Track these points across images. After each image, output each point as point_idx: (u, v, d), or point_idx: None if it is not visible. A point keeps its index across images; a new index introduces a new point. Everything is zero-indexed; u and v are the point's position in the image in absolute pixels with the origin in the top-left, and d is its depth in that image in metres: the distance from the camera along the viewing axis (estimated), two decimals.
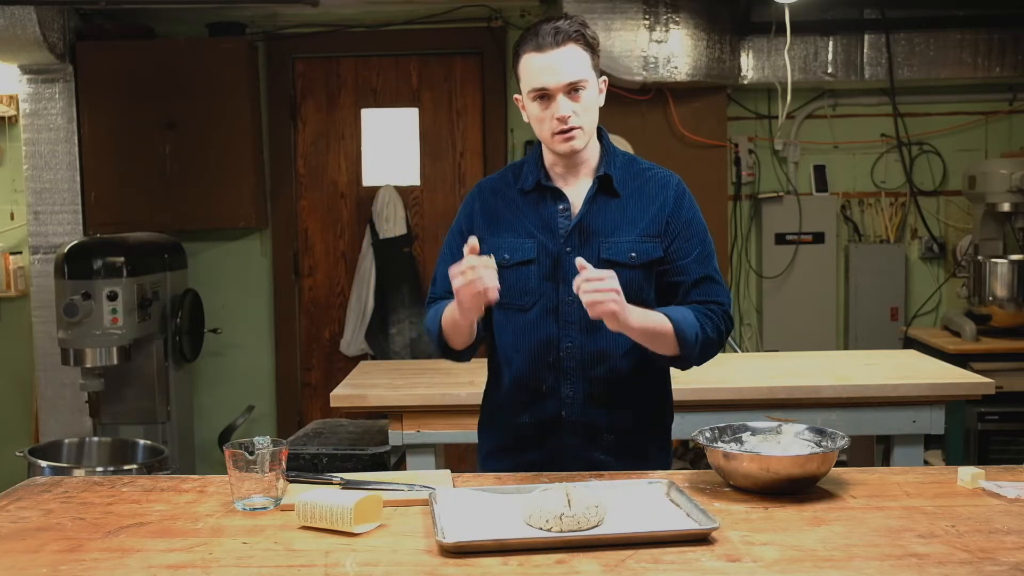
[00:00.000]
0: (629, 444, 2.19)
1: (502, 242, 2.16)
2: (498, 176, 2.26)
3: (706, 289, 2.16)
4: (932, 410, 3.24)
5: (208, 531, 1.75)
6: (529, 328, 2.12)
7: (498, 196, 2.21)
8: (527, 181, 2.18)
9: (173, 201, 4.71)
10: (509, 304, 2.16)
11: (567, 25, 2.06)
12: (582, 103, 2.07)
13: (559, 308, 2.13)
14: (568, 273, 2.10)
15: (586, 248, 2.11)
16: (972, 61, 4.70)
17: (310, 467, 3.55)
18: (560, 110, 2.06)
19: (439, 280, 2.26)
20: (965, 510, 1.80)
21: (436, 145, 5.04)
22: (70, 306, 3.93)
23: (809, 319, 4.99)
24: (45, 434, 4.59)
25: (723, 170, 4.88)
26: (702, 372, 3.40)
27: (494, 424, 2.28)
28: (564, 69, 2.04)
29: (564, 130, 2.07)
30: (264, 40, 4.95)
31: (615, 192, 2.15)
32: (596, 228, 2.13)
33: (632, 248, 2.12)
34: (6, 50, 4.35)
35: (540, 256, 2.14)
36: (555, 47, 2.04)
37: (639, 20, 4.49)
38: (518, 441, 2.20)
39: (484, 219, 2.20)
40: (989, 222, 4.64)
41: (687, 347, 2.06)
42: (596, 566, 1.55)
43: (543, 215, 2.16)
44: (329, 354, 5.08)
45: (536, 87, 2.07)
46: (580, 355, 2.08)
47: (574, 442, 2.16)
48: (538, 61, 2.05)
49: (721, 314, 2.15)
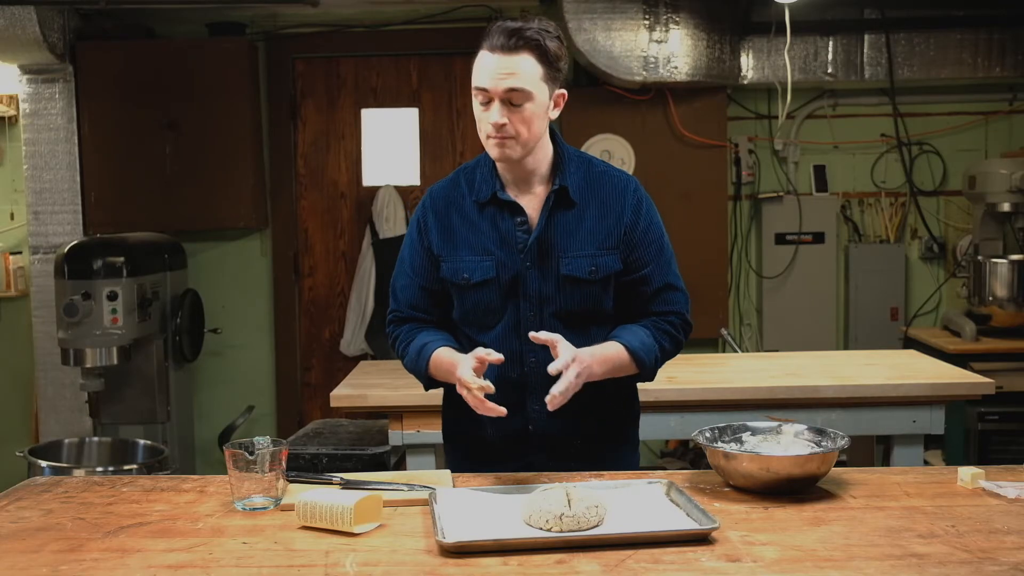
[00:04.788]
0: (597, 449, 2.18)
1: (460, 262, 2.12)
2: (449, 184, 2.19)
3: (666, 298, 2.15)
4: (932, 410, 3.24)
5: (208, 531, 1.75)
6: (492, 346, 2.05)
7: (452, 208, 2.15)
8: (482, 192, 2.12)
9: (173, 201, 4.71)
10: (472, 322, 2.15)
11: (528, 30, 1.97)
12: (521, 114, 1.99)
13: (520, 324, 2.11)
14: (528, 288, 2.09)
15: (545, 263, 2.09)
16: (972, 61, 4.70)
17: (310, 467, 3.55)
18: (493, 116, 1.99)
19: (400, 294, 2.21)
20: (965, 510, 1.80)
21: (436, 145, 5.04)
22: (70, 306, 3.93)
23: (809, 319, 4.99)
24: (45, 434, 4.58)
25: (723, 170, 4.88)
26: (702, 372, 3.43)
27: (458, 438, 2.26)
28: (508, 76, 1.96)
29: (496, 136, 2.01)
30: (264, 40, 4.95)
31: (571, 202, 2.11)
32: (554, 243, 2.09)
33: (591, 263, 2.09)
34: (6, 50, 4.35)
35: (499, 273, 2.10)
36: (506, 52, 1.96)
37: (639, 20, 4.49)
38: (485, 454, 2.18)
39: (439, 235, 2.15)
40: (989, 222, 4.64)
41: (645, 369, 2.11)
42: (596, 566, 1.55)
43: (500, 230, 2.11)
44: (329, 354, 5.07)
45: (476, 86, 2.01)
46: (544, 370, 2.02)
47: (541, 454, 2.15)
48: (486, 61, 1.99)
49: (680, 324, 2.16)
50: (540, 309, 2.10)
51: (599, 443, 2.19)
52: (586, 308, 2.11)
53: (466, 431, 2.21)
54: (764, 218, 4.99)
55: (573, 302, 2.10)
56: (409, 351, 2.16)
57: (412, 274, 2.19)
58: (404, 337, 2.19)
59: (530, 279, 2.09)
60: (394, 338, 2.23)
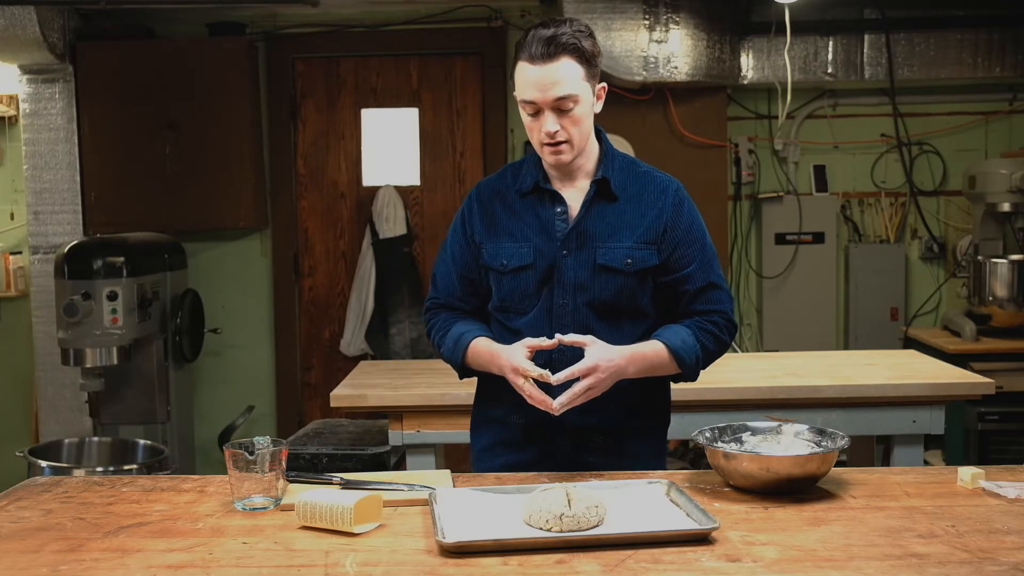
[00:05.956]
0: (620, 447, 2.19)
1: (500, 248, 2.17)
2: (497, 177, 2.26)
3: (709, 297, 2.17)
4: (932, 410, 3.24)
5: (208, 531, 1.75)
6: (524, 330, 2.12)
7: (496, 198, 2.21)
8: (525, 183, 2.18)
9: (173, 201, 4.71)
10: (508, 308, 2.18)
11: (563, 35, 2.02)
12: (571, 118, 2.05)
13: (553, 310, 2.13)
14: (564, 276, 2.12)
15: (582, 252, 2.12)
16: (972, 61, 4.70)
17: (310, 467, 3.55)
18: (547, 126, 2.05)
19: (440, 282, 2.27)
20: (965, 510, 1.80)
21: (436, 145, 5.04)
22: (70, 306, 3.93)
23: (809, 319, 4.99)
24: (45, 434, 4.59)
25: (723, 170, 4.88)
26: (702, 372, 3.42)
27: (486, 423, 2.28)
28: (553, 85, 2.01)
29: (551, 143, 2.07)
30: (264, 40, 4.95)
31: (613, 196, 2.14)
32: (593, 232, 2.13)
33: (628, 255, 2.12)
34: (6, 50, 4.35)
35: (537, 260, 2.13)
36: (546, 60, 2.01)
37: (639, 20, 4.49)
38: (510, 440, 2.21)
39: (482, 222, 2.20)
40: (989, 222, 4.64)
41: (687, 369, 2.13)
42: (596, 566, 1.55)
43: (541, 218, 2.15)
44: (329, 354, 5.08)
45: (525, 99, 2.06)
46: (573, 357, 2.06)
47: (565, 443, 2.16)
48: (529, 73, 2.03)
49: (724, 323, 2.17)
50: (574, 297, 2.12)
51: (623, 438, 2.19)
52: (620, 300, 2.12)
53: (495, 418, 2.24)
54: (764, 218, 4.99)
55: (607, 292, 2.12)
56: (446, 340, 2.21)
57: (452, 262, 2.25)
58: (441, 326, 2.24)
59: (566, 267, 2.12)
60: (431, 326, 2.28)
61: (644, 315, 2.17)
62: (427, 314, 2.30)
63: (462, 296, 2.25)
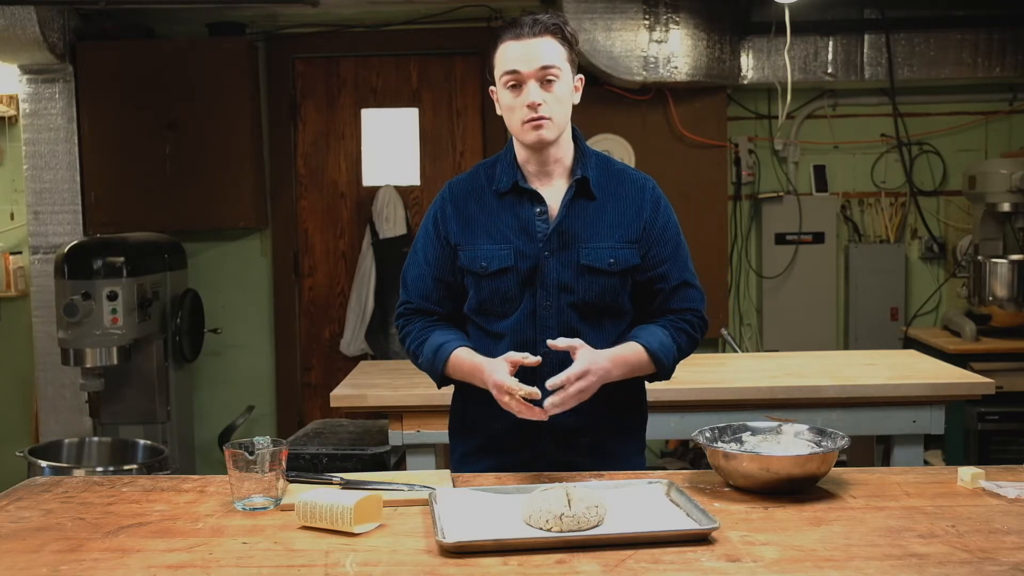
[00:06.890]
0: (604, 446, 2.19)
1: (478, 250, 2.13)
2: (468, 176, 2.22)
3: (683, 295, 2.18)
4: (932, 410, 3.24)
5: (208, 531, 1.75)
6: (506, 333, 2.10)
7: (471, 198, 2.17)
8: (502, 182, 2.15)
9: (173, 201, 4.71)
10: (488, 312, 2.15)
11: (547, 18, 2.08)
12: (554, 93, 2.06)
13: (536, 312, 2.12)
14: (547, 277, 2.10)
15: (565, 253, 2.10)
16: (972, 61, 4.70)
17: (310, 467, 3.55)
18: (531, 96, 2.05)
19: (412, 285, 2.21)
20: (965, 510, 1.80)
21: (436, 145, 5.04)
22: (70, 306, 3.93)
23: (809, 319, 4.99)
24: (45, 434, 4.58)
25: (723, 170, 4.89)
26: (702, 372, 3.43)
27: (468, 428, 2.25)
28: (538, 56, 2.04)
29: (534, 118, 2.05)
30: (264, 40, 4.95)
31: (592, 195, 2.13)
32: (575, 232, 2.11)
33: (611, 254, 2.11)
34: (6, 50, 4.35)
35: (518, 262, 2.11)
36: (532, 36, 2.05)
37: (639, 20, 4.49)
38: (493, 445, 2.18)
39: (457, 223, 2.16)
40: (989, 222, 4.64)
41: (664, 369, 2.14)
42: (596, 566, 1.55)
43: (520, 218, 2.13)
44: (329, 354, 5.07)
45: (509, 70, 2.06)
46: (558, 360, 2.04)
47: (550, 446, 2.15)
48: (514, 47, 2.06)
49: (697, 322, 2.20)
50: (558, 298, 2.11)
51: (607, 438, 2.19)
52: (603, 300, 2.12)
53: (475, 424, 2.21)
54: (764, 218, 4.99)
55: (591, 293, 2.11)
56: (424, 351, 2.16)
57: (426, 264, 2.19)
58: (417, 335, 2.19)
59: (549, 268, 2.10)
60: (404, 333, 2.22)
61: (623, 314, 2.18)
62: (400, 320, 2.24)
63: (438, 300, 2.20)
